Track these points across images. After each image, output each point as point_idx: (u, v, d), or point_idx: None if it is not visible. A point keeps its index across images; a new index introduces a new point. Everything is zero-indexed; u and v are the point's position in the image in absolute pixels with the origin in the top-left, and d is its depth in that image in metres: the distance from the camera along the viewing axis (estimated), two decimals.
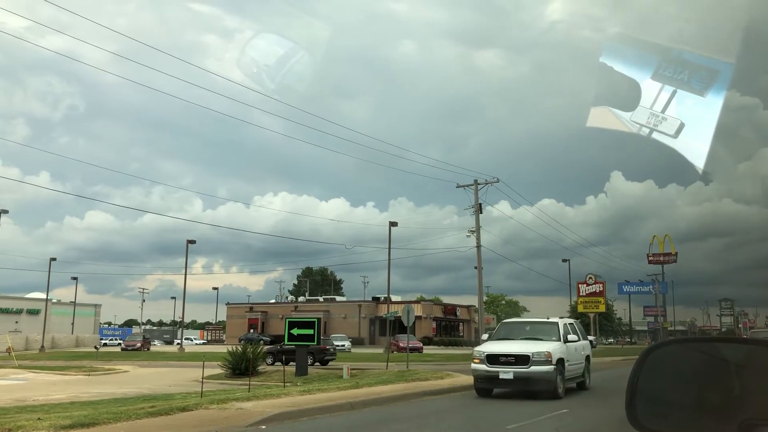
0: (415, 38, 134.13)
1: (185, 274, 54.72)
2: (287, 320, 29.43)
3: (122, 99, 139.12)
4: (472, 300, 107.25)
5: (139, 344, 57.18)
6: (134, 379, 30.72)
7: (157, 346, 72.33)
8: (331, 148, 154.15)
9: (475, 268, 59.14)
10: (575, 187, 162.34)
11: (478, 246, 41.67)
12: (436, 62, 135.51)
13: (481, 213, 42.12)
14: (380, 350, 47.64)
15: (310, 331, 27.97)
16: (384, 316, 44.40)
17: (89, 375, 32.49)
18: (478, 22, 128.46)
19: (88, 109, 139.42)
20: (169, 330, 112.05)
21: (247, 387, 19.17)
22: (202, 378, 18.55)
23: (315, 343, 29.03)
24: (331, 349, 37.70)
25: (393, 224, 46.51)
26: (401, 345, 48.41)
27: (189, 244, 53.87)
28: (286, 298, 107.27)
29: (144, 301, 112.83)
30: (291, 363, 28.68)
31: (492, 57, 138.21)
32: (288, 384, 24.21)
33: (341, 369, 26.45)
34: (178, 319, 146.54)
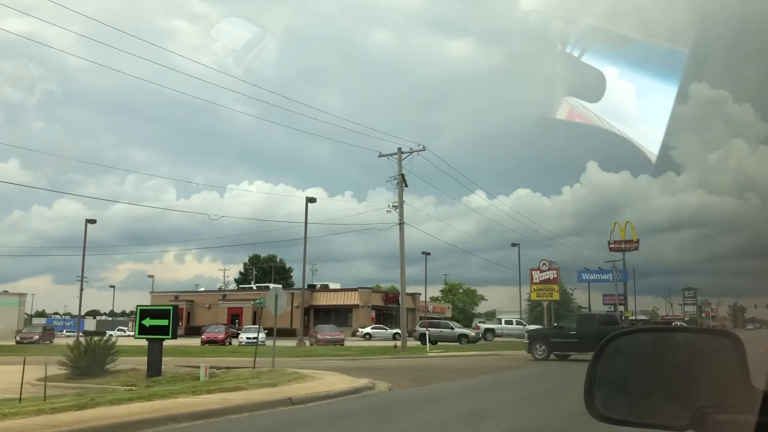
0: (389, 26, 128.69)
1: (83, 257, 48.90)
2: (138, 308, 23.85)
3: (90, 84, 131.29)
4: (434, 290, 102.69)
5: (36, 336, 50.99)
6: None
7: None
8: (307, 136, 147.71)
9: (426, 254, 53.93)
10: (551, 177, 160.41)
11: (401, 223, 36.37)
12: (409, 51, 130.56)
13: (406, 186, 36.89)
14: (295, 343, 42.17)
15: (165, 322, 22.44)
16: (253, 302, 39.14)
17: None
18: (452, 11, 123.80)
19: (57, 94, 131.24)
20: (126, 321, 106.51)
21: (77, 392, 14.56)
22: (22, 382, 12.95)
23: (170, 337, 23.54)
24: None
25: (311, 200, 41.78)
26: (319, 337, 43.11)
27: (88, 224, 47.83)
28: (237, 287, 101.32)
29: (83, 290, 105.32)
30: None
31: (465, 47, 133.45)
32: (126, 388, 19.13)
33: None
34: (129, 310, 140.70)
